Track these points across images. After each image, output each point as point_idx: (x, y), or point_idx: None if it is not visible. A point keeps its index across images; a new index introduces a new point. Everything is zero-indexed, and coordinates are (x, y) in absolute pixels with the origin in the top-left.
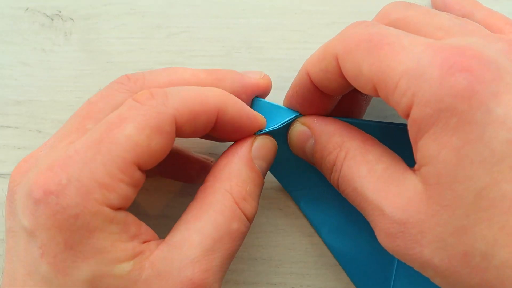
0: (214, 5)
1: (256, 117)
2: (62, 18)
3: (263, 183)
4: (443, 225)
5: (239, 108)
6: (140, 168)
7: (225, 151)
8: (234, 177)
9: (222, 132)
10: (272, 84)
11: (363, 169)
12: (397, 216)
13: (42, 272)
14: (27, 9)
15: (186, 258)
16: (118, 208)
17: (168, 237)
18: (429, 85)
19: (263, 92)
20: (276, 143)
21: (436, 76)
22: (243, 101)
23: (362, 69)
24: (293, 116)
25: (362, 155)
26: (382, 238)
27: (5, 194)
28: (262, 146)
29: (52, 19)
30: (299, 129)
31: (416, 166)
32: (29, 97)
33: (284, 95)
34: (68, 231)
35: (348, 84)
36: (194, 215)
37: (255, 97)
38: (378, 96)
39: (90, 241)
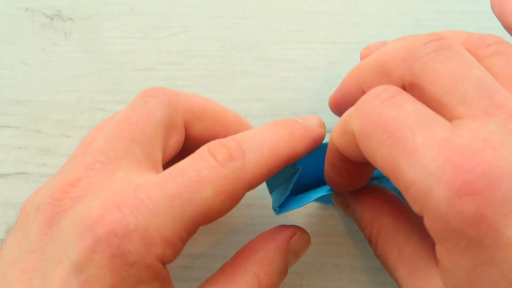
0: (214, 5)
1: (320, 135)
2: (62, 18)
3: (285, 276)
4: None
5: (307, 142)
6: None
7: (262, 234)
8: (266, 264)
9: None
10: (272, 84)
11: (393, 251)
12: None
13: None
14: (27, 9)
15: None
16: (167, 263)
17: None
18: (438, 205)
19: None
20: (310, 242)
21: (443, 196)
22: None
23: (375, 157)
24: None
25: (393, 234)
26: None
27: (5, 194)
28: (299, 241)
29: (52, 19)
30: (337, 200)
31: (439, 263)
32: (29, 97)
33: (284, 95)
34: (118, 276)
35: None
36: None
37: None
38: None
39: None
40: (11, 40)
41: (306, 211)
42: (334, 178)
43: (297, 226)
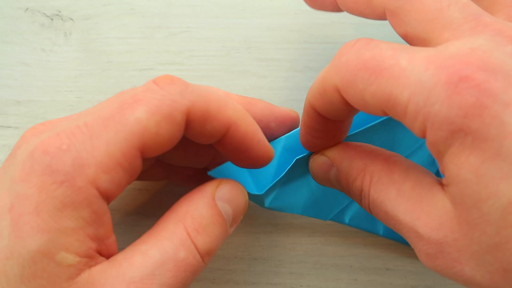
0: (214, 5)
1: (266, 146)
2: (62, 18)
3: (225, 226)
4: (477, 244)
5: (253, 130)
6: (142, 155)
7: (189, 191)
8: (191, 210)
9: (227, 148)
10: (272, 84)
11: (391, 191)
12: (432, 237)
13: (1, 225)
14: (27, 9)
15: (122, 276)
16: (105, 194)
17: (113, 257)
18: (438, 108)
19: (292, 124)
20: (245, 191)
21: (443, 97)
22: (272, 129)
23: (366, 99)
24: (293, 161)
25: (387, 176)
26: (424, 259)
27: None
28: (227, 189)
29: (52, 19)
30: (318, 161)
31: (444, 182)
32: (29, 97)
33: (284, 95)
34: (44, 195)
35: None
36: (143, 239)
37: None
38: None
39: (57, 214)
40: (11, 40)
41: None
42: (311, 141)
43: (224, 179)
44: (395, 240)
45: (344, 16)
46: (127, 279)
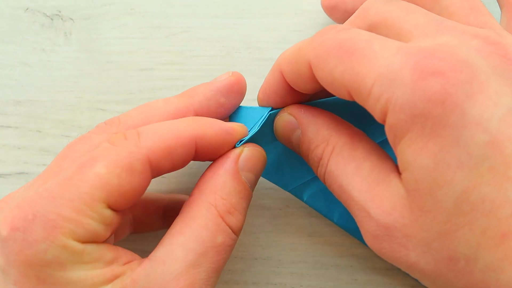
0: (214, 5)
1: (235, 129)
2: (62, 18)
3: (250, 196)
4: (427, 230)
5: (216, 129)
6: (111, 207)
7: (212, 163)
8: (219, 189)
9: (205, 155)
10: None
11: (349, 166)
12: (382, 220)
13: None
14: (27, 9)
15: (169, 274)
16: (88, 242)
17: (152, 254)
18: (402, 91)
19: (239, 88)
20: (264, 153)
21: (408, 81)
22: (224, 104)
23: (334, 77)
24: (266, 113)
25: (350, 151)
26: (369, 240)
27: (5, 194)
28: (249, 157)
29: (52, 19)
30: (285, 119)
31: (399, 169)
32: (29, 97)
33: None
34: (37, 266)
35: (320, 86)
36: (178, 230)
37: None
38: (354, 100)
39: (62, 274)
40: (11, 40)
41: (306, 211)
42: (268, 101)
43: (246, 143)
44: (346, 230)
45: None
46: (174, 275)
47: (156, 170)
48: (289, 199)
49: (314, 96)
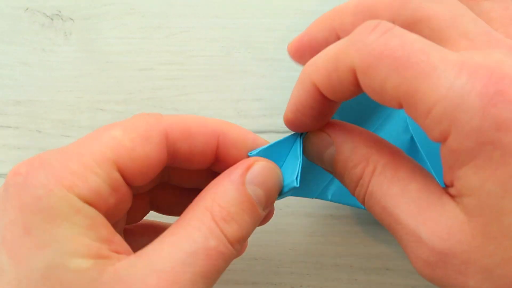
0: (214, 5)
1: (263, 142)
2: (62, 18)
3: (257, 212)
4: (490, 256)
5: (242, 133)
6: (122, 172)
7: (221, 174)
8: (218, 197)
9: (225, 156)
10: (272, 84)
11: (395, 187)
12: (437, 245)
13: (0, 261)
14: (27, 9)
15: (153, 268)
16: (88, 202)
17: (140, 251)
18: (469, 117)
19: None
20: (279, 171)
21: (476, 106)
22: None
23: (386, 88)
24: (299, 142)
25: (393, 171)
26: (420, 266)
27: None
28: (259, 171)
29: (52, 19)
30: (318, 136)
31: (455, 193)
32: (29, 97)
33: (284, 95)
34: (29, 213)
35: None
36: (171, 231)
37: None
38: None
39: (50, 227)
40: (11, 40)
41: (306, 211)
42: (300, 119)
43: (260, 158)
44: (342, 203)
45: None
46: (157, 269)
47: (172, 148)
48: (289, 199)
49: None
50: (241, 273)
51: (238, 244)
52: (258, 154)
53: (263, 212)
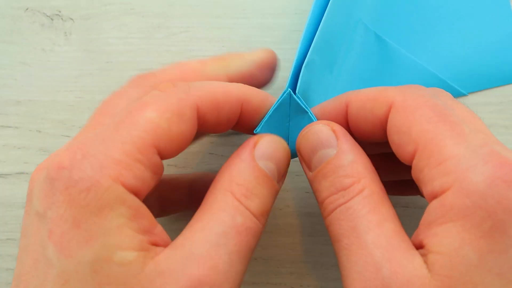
0: (214, 5)
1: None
2: (62, 18)
3: (273, 184)
4: None
5: (263, 97)
6: (159, 153)
7: (230, 156)
8: (234, 177)
9: (248, 122)
10: (273, 84)
11: (374, 216)
12: (392, 287)
13: (48, 255)
14: (27, 9)
15: (190, 255)
16: (133, 191)
17: (173, 242)
18: (479, 179)
19: (272, 64)
20: (285, 143)
21: (489, 174)
22: (257, 77)
23: (412, 129)
24: (286, 92)
25: (378, 202)
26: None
27: (5, 194)
28: (265, 146)
29: (52, 19)
30: (325, 132)
31: (422, 250)
32: (29, 97)
33: None
34: (78, 206)
35: (378, 136)
36: (196, 218)
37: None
38: (406, 161)
39: (97, 220)
40: (11, 40)
41: (306, 211)
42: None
43: (264, 134)
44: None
45: None
46: (195, 257)
47: (202, 120)
48: (289, 199)
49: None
50: None
51: (263, 217)
52: (262, 127)
53: (278, 184)
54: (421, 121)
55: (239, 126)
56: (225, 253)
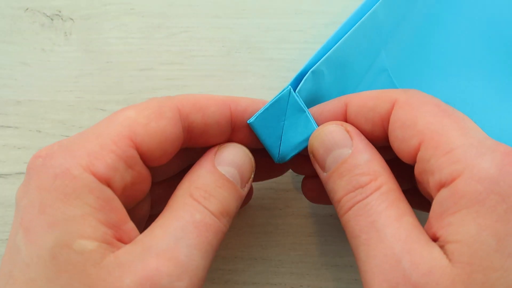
0: (214, 5)
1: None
2: (62, 18)
3: (234, 187)
4: None
5: (253, 100)
6: (139, 148)
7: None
8: (194, 181)
9: (242, 122)
10: (272, 84)
11: (392, 210)
12: (414, 277)
13: (17, 241)
14: (27, 9)
15: (149, 249)
16: (105, 181)
17: (135, 239)
18: (489, 165)
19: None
20: (246, 149)
21: (498, 161)
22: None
23: (417, 122)
24: (287, 89)
25: (395, 198)
26: (383, 285)
27: (5, 194)
28: (226, 153)
29: (52, 19)
30: (339, 132)
31: (438, 242)
32: (29, 97)
33: None
34: (45, 192)
35: (377, 137)
36: (158, 217)
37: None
38: (409, 157)
39: (62, 206)
40: (11, 40)
41: (306, 211)
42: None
43: (226, 143)
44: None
45: (344, 16)
46: (154, 251)
47: (186, 121)
48: (289, 199)
49: None
50: (241, 273)
51: (223, 217)
52: (257, 118)
53: (243, 189)
54: (426, 114)
55: (238, 133)
56: (184, 246)
